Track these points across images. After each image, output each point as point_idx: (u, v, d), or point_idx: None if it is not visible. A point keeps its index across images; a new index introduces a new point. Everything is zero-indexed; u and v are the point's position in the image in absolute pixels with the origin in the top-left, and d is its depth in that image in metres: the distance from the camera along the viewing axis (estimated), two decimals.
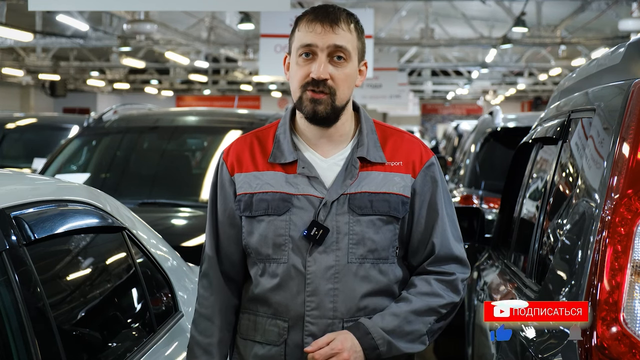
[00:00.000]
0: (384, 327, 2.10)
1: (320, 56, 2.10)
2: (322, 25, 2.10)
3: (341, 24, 2.11)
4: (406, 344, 2.13)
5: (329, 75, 2.10)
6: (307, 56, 2.11)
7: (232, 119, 6.64)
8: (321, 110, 2.11)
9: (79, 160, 6.29)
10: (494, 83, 29.83)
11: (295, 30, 2.16)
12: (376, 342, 2.09)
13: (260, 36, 10.81)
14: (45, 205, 2.37)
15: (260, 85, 30.17)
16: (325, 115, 2.12)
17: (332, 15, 2.12)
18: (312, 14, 2.13)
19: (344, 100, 2.14)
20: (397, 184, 2.16)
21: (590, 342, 1.88)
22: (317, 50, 2.10)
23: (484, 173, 6.77)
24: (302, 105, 2.14)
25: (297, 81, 2.13)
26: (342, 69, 2.12)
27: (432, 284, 2.17)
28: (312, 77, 2.10)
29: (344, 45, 2.11)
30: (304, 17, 2.15)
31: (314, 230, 2.11)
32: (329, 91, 2.11)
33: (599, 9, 12.63)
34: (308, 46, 2.10)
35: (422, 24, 16.22)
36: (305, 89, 2.12)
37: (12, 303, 1.98)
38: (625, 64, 2.36)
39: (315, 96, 2.11)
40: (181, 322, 2.94)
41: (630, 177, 1.96)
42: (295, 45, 2.14)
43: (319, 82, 2.10)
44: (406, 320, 2.12)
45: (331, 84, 2.11)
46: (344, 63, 2.12)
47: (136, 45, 16.25)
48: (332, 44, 2.10)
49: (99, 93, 32.95)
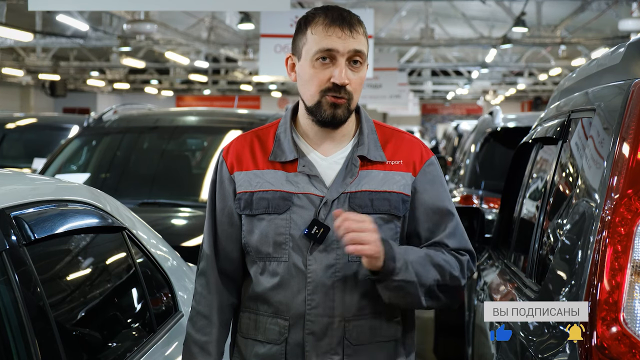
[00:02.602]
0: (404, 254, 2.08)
1: (340, 61, 2.10)
2: (342, 29, 2.09)
3: (358, 28, 2.12)
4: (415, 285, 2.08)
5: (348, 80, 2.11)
6: (325, 60, 2.11)
7: (232, 119, 6.64)
8: (340, 114, 2.12)
9: (79, 160, 6.29)
10: (494, 83, 29.83)
11: (306, 32, 2.14)
12: (396, 256, 2.06)
13: (260, 36, 10.80)
14: (45, 205, 2.37)
15: (260, 85, 30.17)
16: (344, 118, 2.14)
17: (349, 20, 2.11)
18: (327, 17, 2.11)
19: (356, 103, 2.16)
20: (398, 183, 2.17)
21: (590, 342, 1.88)
22: (337, 55, 2.09)
23: (484, 173, 6.77)
24: (320, 110, 2.13)
25: (315, 86, 2.12)
26: (359, 73, 2.13)
27: (446, 254, 2.17)
28: (333, 83, 2.10)
29: (362, 49, 2.12)
30: (318, 20, 2.12)
31: (314, 229, 2.11)
32: (348, 96, 2.12)
33: (599, 9, 12.62)
34: (328, 51, 2.09)
35: (422, 24, 16.22)
36: (325, 94, 2.11)
37: (12, 303, 1.98)
38: (625, 64, 2.36)
39: (337, 101, 2.11)
40: (181, 322, 2.94)
41: (630, 177, 1.96)
42: (311, 48, 2.12)
43: (340, 87, 2.10)
44: (421, 262, 2.10)
45: (349, 89, 2.12)
46: (360, 67, 2.13)
47: (136, 45, 16.24)
48: (353, 49, 2.10)
49: (99, 93, 32.95)
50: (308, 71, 2.13)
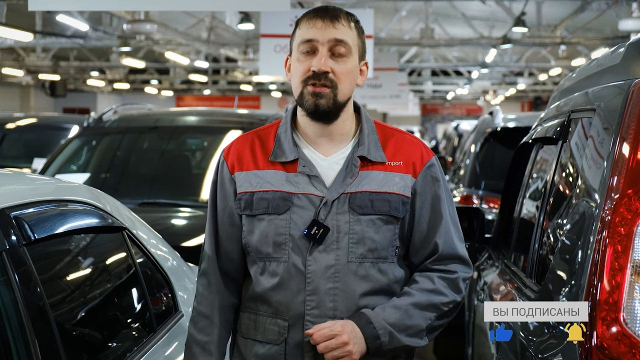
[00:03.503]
0: (385, 319, 2.11)
1: (321, 50, 2.11)
2: (323, 20, 2.12)
3: (341, 20, 2.13)
4: (407, 338, 2.13)
5: (330, 69, 2.11)
6: (308, 52, 2.12)
7: (232, 119, 6.64)
8: (323, 104, 2.12)
9: (79, 160, 6.29)
10: (494, 83, 29.81)
11: (296, 30, 2.18)
12: (378, 332, 2.09)
13: (260, 36, 10.80)
14: (45, 205, 2.37)
15: (260, 85, 30.16)
16: (327, 109, 2.13)
17: (332, 12, 2.14)
18: (312, 12, 2.16)
19: (346, 95, 2.14)
20: (397, 184, 2.16)
21: (590, 342, 1.88)
22: (317, 45, 2.11)
23: (484, 173, 6.77)
24: (303, 100, 2.14)
25: (298, 76, 2.14)
26: (344, 63, 2.13)
27: (435, 281, 2.18)
28: (312, 71, 2.11)
29: (345, 39, 2.12)
30: (305, 16, 2.17)
31: (314, 229, 2.11)
32: (331, 84, 2.11)
33: (599, 9, 12.62)
34: (309, 42, 2.11)
35: (422, 24, 16.22)
36: (307, 83, 2.12)
37: (12, 303, 1.98)
38: (625, 64, 2.36)
39: (317, 89, 2.11)
40: (181, 322, 2.94)
41: (630, 177, 1.96)
42: (296, 42, 2.16)
43: (320, 75, 2.10)
44: (407, 314, 2.13)
45: (333, 77, 2.11)
46: (345, 58, 2.13)
47: (136, 45, 16.24)
48: (333, 37, 2.11)
49: (99, 93, 32.94)
50: (294, 65, 2.16)
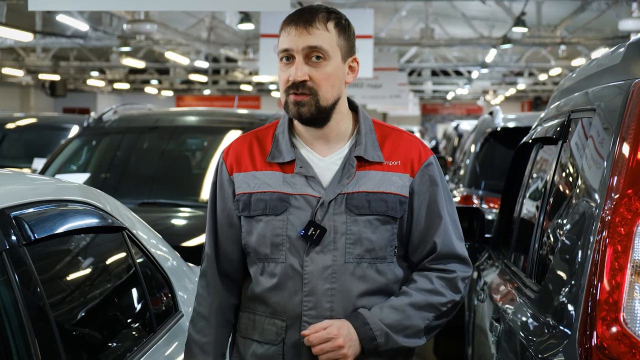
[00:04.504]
0: (382, 319, 2.11)
1: (297, 59, 2.11)
2: (296, 28, 2.11)
3: (316, 24, 2.11)
4: (404, 338, 2.13)
5: (308, 76, 2.10)
6: (288, 60, 2.13)
7: (232, 119, 6.64)
8: (305, 112, 2.12)
9: (79, 160, 6.29)
10: (494, 83, 29.82)
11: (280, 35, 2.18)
12: (374, 333, 2.09)
13: (260, 36, 10.81)
14: (45, 205, 2.37)
15: (260, 85, 30.16)
16: (310, 116, 2.12)
17: (307, 16, 2.12)
18: (288, 19, 2.15)
19: (329, 99, 2.13)
20: (395, 184, 2.16)
21: (590, 342, 1.88)
22: (293, 53, 2.11)
23: (484, 173, 6.77)
24: (288, 109, 2.15)
25: (281, 85, 2.15)
26: (322, 68, 2.11)
27: (433, 281, 2.18)
28: (291, 81, 2.11)
29: (319, 45, 2.10)
30: (283, 23, 2.16)
31: (311, 230, 2.11)
32: (310, 92, 2.11)
33: (599, 9, 12.62)
34: (286, 50, 2.12)
35: (422, 24, 16.22)
36: (288, 92, 2.12)
37: (12, 303, 1.98)
38: (625, 64, 2.36)
39: (297, 98, 2.11)
40: (181, 322, 2.94)
41: (630, 177, 1.96)
42: (278, 50, 2.17)
43: (298, 84, 2.10)
44: (405, 314, 2.13)
45: (311, 85, 2.11)
46: (323, 62, 2.11)
47: (136, 45, 16.24)
48: (306, 45, 2.10)
49: (99, 93, 32.94)
50: (278, 72, 2.17)
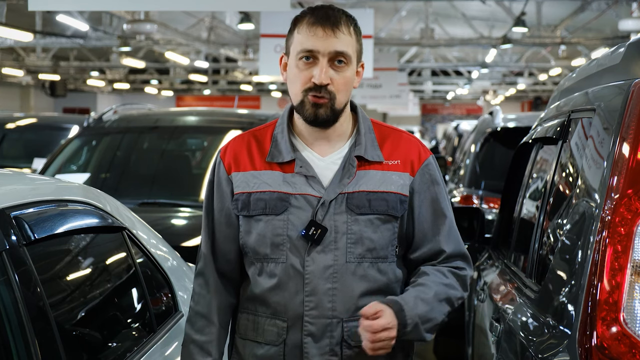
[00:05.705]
0: (414, 308, 2.08)
1: (321, 61, 2.10)
2: (324, 29, 2.09)
3: (342, 28, 2.10)
4: (425, 332, 2.12)
5: (330, 80, 2.10)
6: (308, 60, 2.11)
7: (232, 119, 6.64)
8: (322, 114, 2.12)
9: (79, 160, 6.29)
10: (494, 83, 29.81)
11: (293, 31, 2.15)
12: (407, 321, 2.07)
13: (260, 36, 10.81)
14: (45, 205, 2.37)
15: (260, 85, 30.15)
16: (326, 118, 2.13)
17: (333, 19, 2.10)
18: (312, 17, 2.11)
19: (342, 103, 2.14)
20: (395, 183, 2.16)
21: (590, 342, 1.88)
22: (318, 55, 2.09)
23: (484, 173, 6.77)
24: (303, 109, 2.13)
25: (298, 85, 2.13)
26: (343, 72, 2.12)
27: (447, 275, 2.18)
28: (314, 83, 2.10)
29: (345, 50, 2.10)
30: (304, 19, 2.13)
31: (312, 230, 2.11)
32: (329, 96, 2.11)
33: (599, 9, 12.62)
34: (309, 51, 2.10)
35: (422, 24, 16.22)
36: (307, 93, 2.12)
37: (12, 303, 1.97)
38: (625, 64, 2.36)
39: (318, 101, 2.11)
40: (181, 322, 2.93)
41: (630, 177, 1.96)
42: (295, 48, 2.13)
43: (320, 87, 2.10)
44: (430, 307, 2.12)
45: (331, 89, 2.11)
46: (345, 67, 2.12)
47: (136, 45, 16.24)
48: (334, 50, 2.09)
49: (99, 93, 32.94)
50: (293, 70, 2.14)
